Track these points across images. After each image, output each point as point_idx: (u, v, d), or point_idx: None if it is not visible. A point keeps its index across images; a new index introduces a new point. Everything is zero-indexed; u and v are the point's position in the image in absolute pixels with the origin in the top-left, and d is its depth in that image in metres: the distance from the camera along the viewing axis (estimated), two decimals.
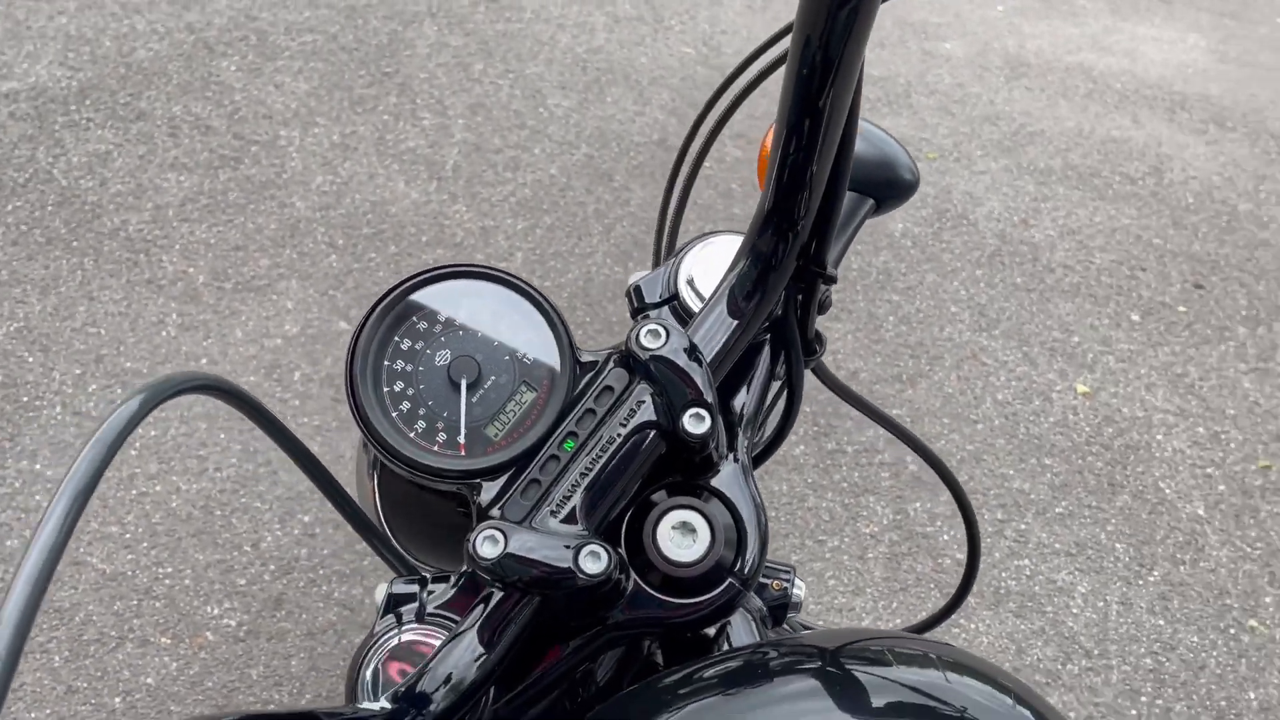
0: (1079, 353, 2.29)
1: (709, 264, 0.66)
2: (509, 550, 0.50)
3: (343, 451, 1.93)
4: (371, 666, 0.60)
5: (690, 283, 0.65)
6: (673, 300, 0.65)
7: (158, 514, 1.79)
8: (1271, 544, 1.94)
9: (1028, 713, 0.48)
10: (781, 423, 0.69)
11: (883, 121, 3.10)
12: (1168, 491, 2.01)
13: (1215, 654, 1.76)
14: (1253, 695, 1.70)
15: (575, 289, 2.41)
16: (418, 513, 0.76)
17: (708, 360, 0.56)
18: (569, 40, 3.29)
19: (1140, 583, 1.85)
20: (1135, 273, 2.54)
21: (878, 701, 0.47)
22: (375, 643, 0.61)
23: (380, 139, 2.75)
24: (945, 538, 1.90)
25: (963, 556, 1.81)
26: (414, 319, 0.58)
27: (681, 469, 0.56)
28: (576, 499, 0.53)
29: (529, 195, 2.67)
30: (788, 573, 0.72)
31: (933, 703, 0.48)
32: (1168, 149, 2.94)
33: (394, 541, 0.77)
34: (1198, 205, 2.74)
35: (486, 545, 0.51)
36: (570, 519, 0.53)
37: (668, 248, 0.81)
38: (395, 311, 0.58)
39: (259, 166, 2.59)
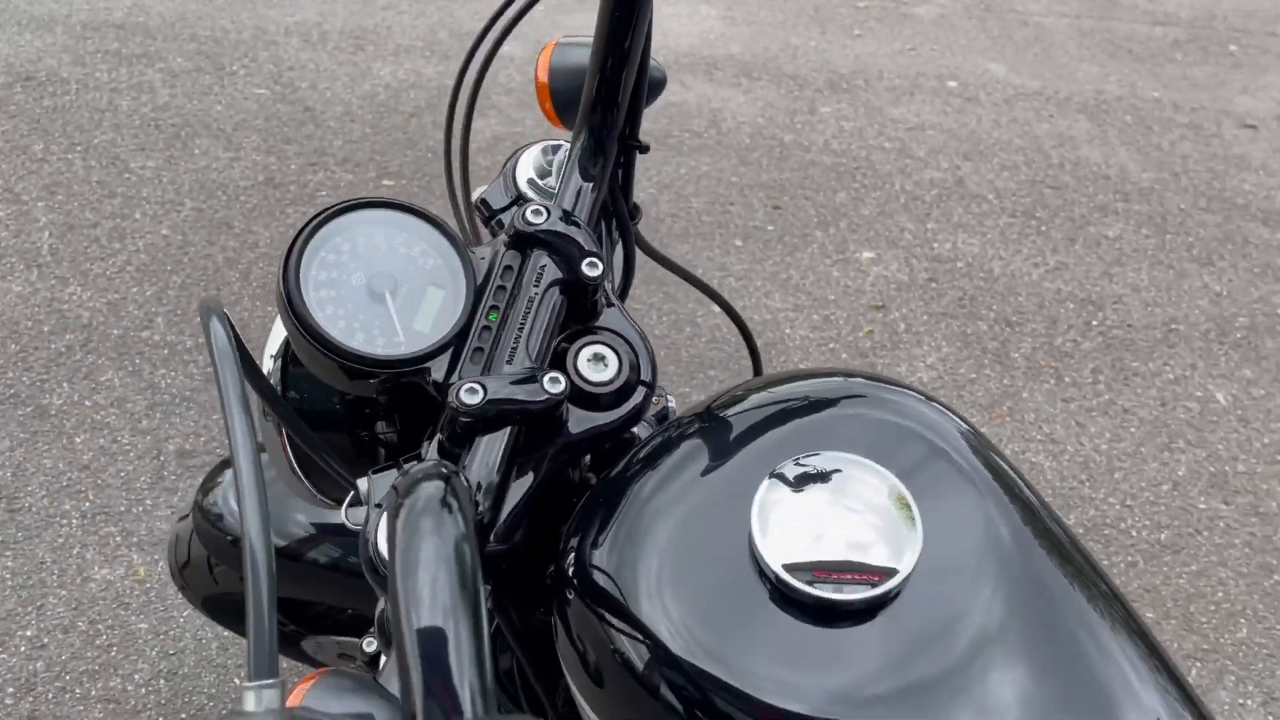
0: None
1: (539, 164, 0.82)
2: (489, 396, 0.64)
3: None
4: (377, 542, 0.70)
5: (531, 182, 0.81)
6: (518, 200, 0.81)
7: None
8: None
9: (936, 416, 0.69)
10: (625, 276, 0.87)
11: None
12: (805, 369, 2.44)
13: None
14: None
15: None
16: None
17: (581, 221, 0.73)
18: (130, 103, 3.17)
19: None
20: (726, 208, 2.99)
21: (800, 417, 0.67)
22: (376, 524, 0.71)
23: None
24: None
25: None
26: (323, 254, 0.69)
27: (579, 318, 0.73)
28: (520, 351, 0.68)
29: (147, 260, 2.59)
30: (662, 392, 0.91)
31: (873, 414, 0.67)
32: (716, 104, 3.45)
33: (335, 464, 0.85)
34: (754, 144, 3.27)
35: (469, 395, 0.65)
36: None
37: (464, 192, 0.96)
38: (306, 256, 0.69)
39: None
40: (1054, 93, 3.67)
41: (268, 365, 0.84)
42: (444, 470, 0.53)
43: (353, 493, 0.74)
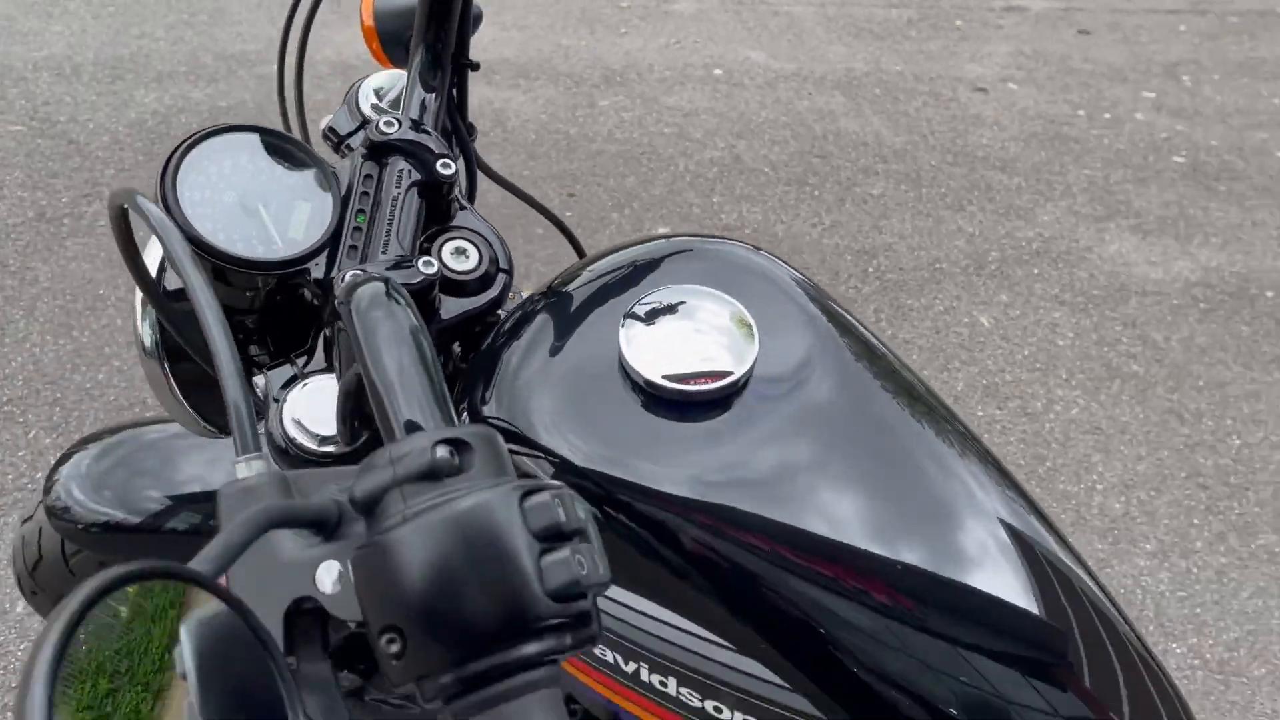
0: (531, 271, 2.79)
1: (381, 88, 0.91)
2: (371, 275, 0.73)
3: None
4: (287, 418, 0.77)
5: (375, 106, 0.90)
6: (364, 124, 0.90)
7: None
8: None
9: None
10: (468, 186, 0.97)
11: None
12: None
13: None
14: None
15: (28, 374, 2.31)
16: (206, 374, 0.90)
17: (430, 129, 0.83)
18: None
19: None
20: None
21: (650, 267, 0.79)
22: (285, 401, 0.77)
23: None
24: None
25: None
26: (194, 177, 0.76)
27: (437, 219, 0.82)
28: (392, 244, 0.77)
29: None
30: (516, 290, 1.00)
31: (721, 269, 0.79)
32: (498, 105, 3.57)
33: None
34: (540, 139, 3.40)
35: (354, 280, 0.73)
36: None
37: (301, 126, 1.03)
38: (179, 178, 0.75)
39: None
40: (810, 73, 3.99)
41: (138, 309, 0.89)
42: (382, 275, 0.62)
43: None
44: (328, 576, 0.46)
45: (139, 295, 0.89)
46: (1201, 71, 4.14)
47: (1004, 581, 0.67)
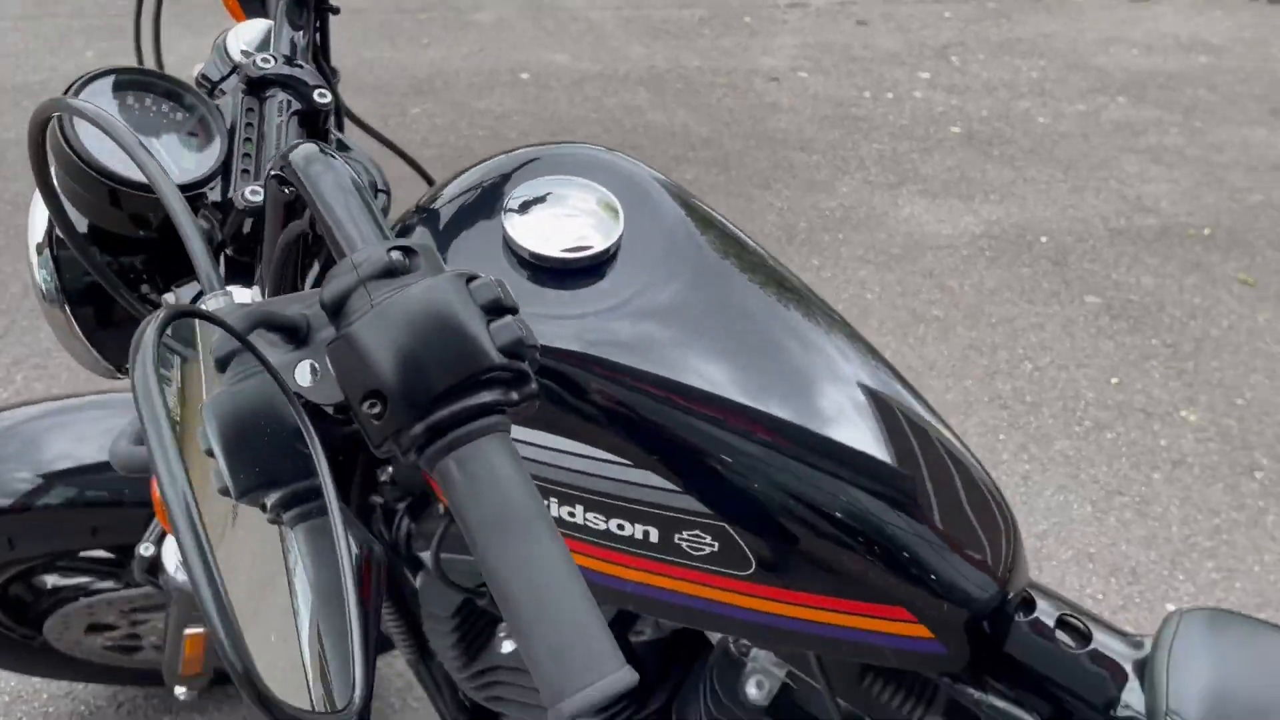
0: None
1: (248, 35, 0.99)
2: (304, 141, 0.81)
3: None
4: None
5: (244, 51, 0.98)
6: (236, 69, 0.97)
7: None
8: None
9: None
10: (337, 124, 1.06)
11: None
12: None
13: None
14: None
15: None
16: (106, 316, 0.96)
17: (302, 62, 0.92)
18: None
19: None
20: None
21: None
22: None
23: None
24: None
25: None
26: (80, 131, 0.82)
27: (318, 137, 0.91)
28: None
29: None
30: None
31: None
32: None
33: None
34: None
35: (252, 195, 0.81)
36: None
37: (158, 62, 1.10)
38: (72, 119, 0.81)
39: None
40: (614, 72, 4.18)
41: (34, 258, 0.94)
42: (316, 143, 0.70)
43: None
44: (303, 373, 0.56)
45: (33, 245, 0.94)
46: (968, 52, 4.57)
47: (860, 432, 0.81)
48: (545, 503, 0.85)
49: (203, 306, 0.59)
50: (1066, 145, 3.81)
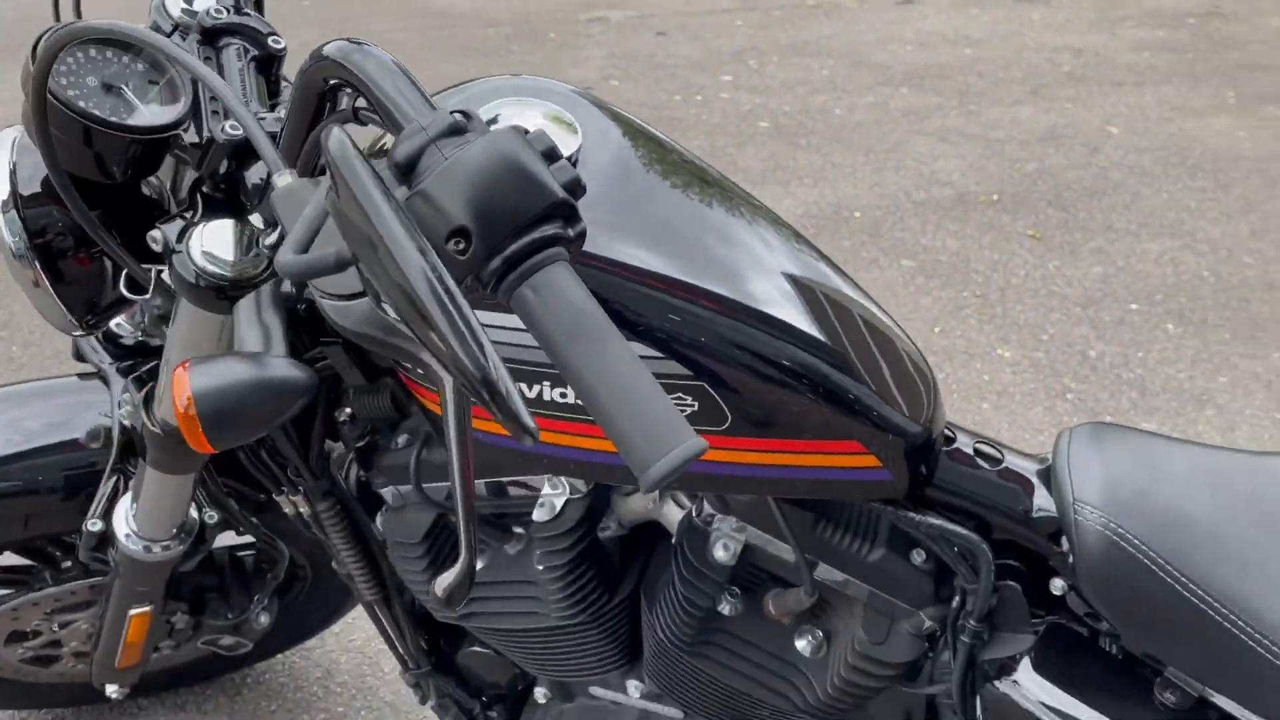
0: None
1: None
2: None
3: None
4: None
5: (184, 10, 1.02)
6: (178, 27, 1.02)
7: None
8: None
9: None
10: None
11: None
12: None
13: None
14: None
15: None
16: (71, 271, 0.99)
17: (249, 10, 0.98)
18: None
19: None
20: None
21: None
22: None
23: None
24: None
25: None
26: (59, 67, 0.87)
27: (271, 94, 0.98)
28: (254, 105, 0.93)
29: None
30: None
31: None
32: None
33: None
34: None
35: (232, 129, 0.88)
36: None
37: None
38: (50, 70, 0.86)
39: None
40: (430, 90, 4.25)
41: (3, 229, 0.96)
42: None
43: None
44: None
45: None
46: (763, 55, 4.89)
47: (791, 308, 0.95)
48: (517, 385, 0.95)
49: (276, 179, 0.67)
50: (863, 132, 4.15)
